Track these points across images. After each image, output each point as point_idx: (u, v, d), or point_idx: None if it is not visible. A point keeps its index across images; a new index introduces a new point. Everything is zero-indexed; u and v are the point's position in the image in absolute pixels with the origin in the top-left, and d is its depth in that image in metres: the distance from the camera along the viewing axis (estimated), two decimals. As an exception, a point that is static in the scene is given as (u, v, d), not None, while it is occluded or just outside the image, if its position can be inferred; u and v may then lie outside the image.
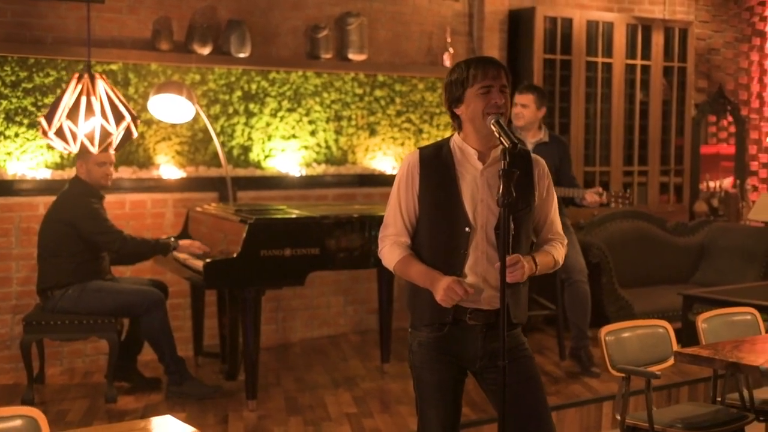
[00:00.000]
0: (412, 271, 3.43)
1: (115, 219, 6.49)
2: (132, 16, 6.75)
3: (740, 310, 5.02)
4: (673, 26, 8.88)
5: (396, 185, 3.50)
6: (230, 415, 5.47)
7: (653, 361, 4.51)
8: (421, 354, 3.47)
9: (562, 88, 8.30)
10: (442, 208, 3.40)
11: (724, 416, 4.39)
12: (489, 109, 3.33)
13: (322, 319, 7.55)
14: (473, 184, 3.38)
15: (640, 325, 4.62)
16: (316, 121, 7.46)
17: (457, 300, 3.28)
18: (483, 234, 3.36)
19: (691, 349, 4.20)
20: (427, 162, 3.45)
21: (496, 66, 3.40)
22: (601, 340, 4.42)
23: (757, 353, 4.04)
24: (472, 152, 3.40)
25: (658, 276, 8.34)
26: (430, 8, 7.98)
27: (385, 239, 3.52)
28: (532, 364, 3.51)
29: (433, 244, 3.43)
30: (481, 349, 3.40)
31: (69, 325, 5.63)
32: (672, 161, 9.02)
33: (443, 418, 3.46)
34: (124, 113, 5.15)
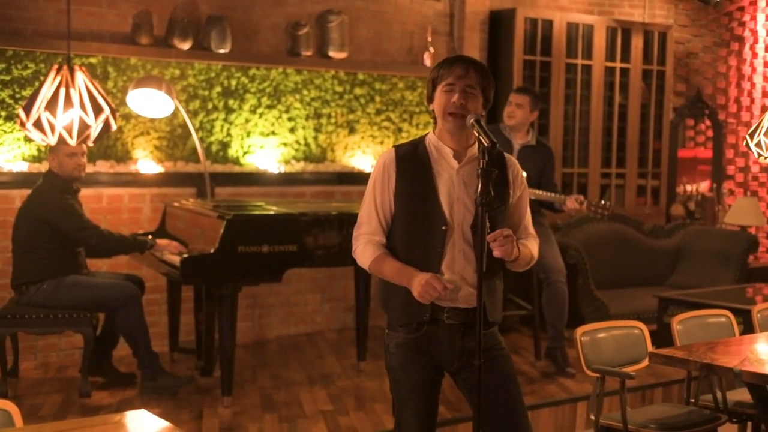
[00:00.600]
0: (387, 269, 3.42)
1: (92, 213, 6.48)
2: (112, 10, 6.72)
3: (715, 312, 5.05)
4: (653, 30, 8.92)
5: (371, 183, 3.48)
6: (205, 411, 5.45)
7: (628, 361, 4.54)
8: (399, 355, 3.45)
9: (542, 90, 8.32)
10: (418, 206, 3.40)
11: (697, 417, 4.42)
12: (448, 108, 3.34)
13: (299, 316, 7.55)
14: (449, 183, 3.38)
15: (616, 326, 4.65)
16: (296, 118, 7.45)
17: (435, 296, 3.26)
18: (459, 232, 3.36)
19: (665, 350, 4.22)
20: (403, 160, 3.44)
21: (465, 65, 3.39)
22: (577, 341, 4.44)
23: (731, 355, 4.06)
24: (448, 151, 3.41)
25: (635, 278, 8.39)
26: (411, 8, 7.98)
27: (359, 238, 3.50)
28: (509, 363, 3.51)
29: (409, 242, 3.42)
30: (459, 349, 3.40)
31: (44, 319, 5.59)
32: (649, 164, 9.06)
33: (420, 419, 3.45)
34: (103, 106, 5.12)
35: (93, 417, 3.83)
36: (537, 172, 6.44)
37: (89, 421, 2.97)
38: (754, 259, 9.56)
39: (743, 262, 8.33)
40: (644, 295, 7.72)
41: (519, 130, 6.42)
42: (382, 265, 3.43)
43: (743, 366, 3.87)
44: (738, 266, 8.29)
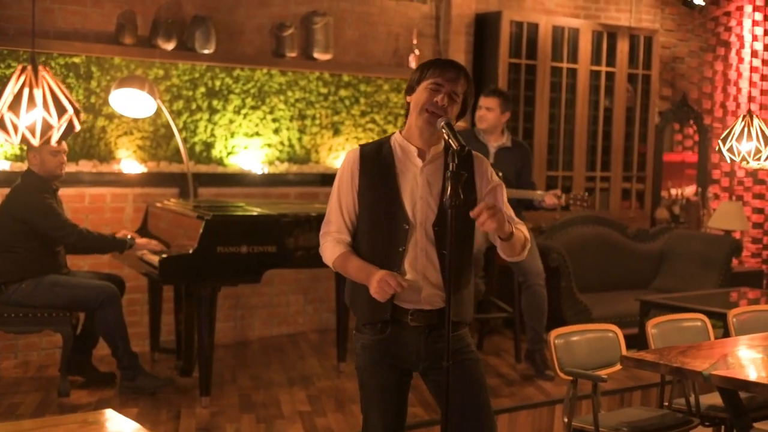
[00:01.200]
0: (349, 267, 3.43)
1: (75, 212, 6.50)
2: (96, 9, 6.73)
3: (690, 316, 5.08)
4: (639, 34, 8.95)
5: (337, 182, 3.50)
6: (183, 411, 5.46)
7: (602, 364, 4.56)
8: (364, 357, 3.46)
9: (527, 93, 8.35)
10: (381, 204, 3.41)
11: (670, 421, 4.44)
12: (429, 106, 3.35)
13: (282, 317, 7.56)
14: (413, 182, 3.40)
15: (590, 329, 4.67)
16: (280, 119, 7.46)
17: (390, 293, 3.24)
18: (422, 231, 3.37)
19: (636, 353, 4.24)
20: (367, 159, 3.46)
21: (457, 71, 3.40)
22: (551, 343, 4.46)
23: (702, 359, 4.08)
24: (413, 149, 3.42)
25: (618, 281, 8.41)
26: (397, 10, 8.00)
27: (325, 236, 3.52)
28: (478, 366, 3.51)
29: (373, 240, 3.42)
30: (425, 351, 3.40)
31: (23, 318, 5.60)
32: (634, 168, 9.09)
33: (387, 420, 3.46)
34: (67, 106, 5.12)
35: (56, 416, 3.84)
36: (515, 172, 6.45)
37: (50, 421, 2.98)
38: (739, 264, 9.61)
39: (726, 267, 8.36)
40: (627, 299, 7.73)
41: (492, 133, 6.43)
42: (345, 263, 3.44)
43: (713, 370, 3.90)
44: (721, 270, 8.32)
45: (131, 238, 5.86)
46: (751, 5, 9.66)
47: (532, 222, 8.24)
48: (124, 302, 6.58)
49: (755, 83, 9.78)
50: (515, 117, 8.28)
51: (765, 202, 9.96)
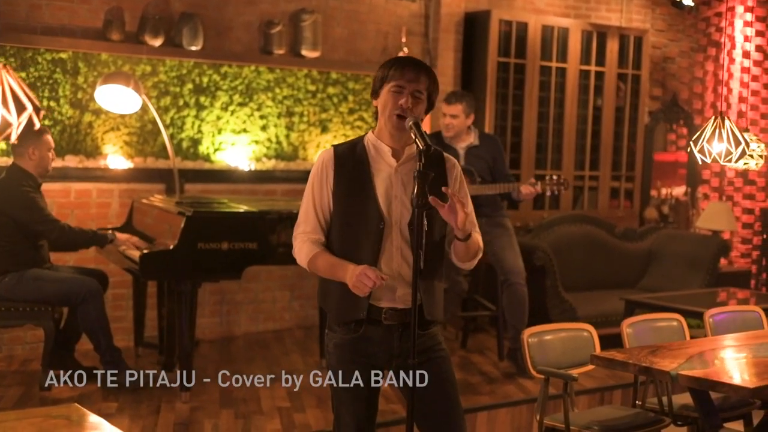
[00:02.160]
0: (323, 265, 3.43)
1: (60, 207, 6.54)
2: (83, 5, 6.75)
3: (666, 315, 5.12)
4: (629, 34, 8.97)
5: (310, 182, 3.51)
6: (163, 406, 5.49)
7: (575, 364, 4.59)
8: (336, 356, 3.48)
9: (516, 92, 8.37)
10: (356, 204, 3.43)
11: (641, 420, 4.47)
12: (395, 110, 3.38)
13: (267, 313, 7.59)
14: (387, 181, 3.42)
15: (564, 328, 4.71)
16: (268, 116, 7.49)
17: (370, 286, 3.25)
18: (397, 230, 3.39)
19: (607, 352, 4.27)
20: (341, 159, 3.48)
21: (416, 70, 3.43)
22: (524, 342, 4.49)
23: (672, 358, 4.11)
24: (387, 149, 3.45)
25: (605, 281, 8.42)
26: (386, 8, 8.03)
27: (298, 237, 3.53)
28: (447, 364, 3.54)
29: (347, 240, 3.44)
30: (397, 349, 3.42)
31: (5, 312, 5.63)
32: (623, 167, 9.11)
33: (358, 420, 3.48)
34: (26, 104, 5.15)
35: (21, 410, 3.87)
36: (487, 167, 6.46)
37: (14, 414, 3.01)
38: (729, 264, 9.63)
39: (713, 267, 8.38)
40: (613, 298, 7.74)
41: (458, 136, 6.45)
42: (318, 262, 3.45)
43: (681, 370, 3.92)
44: (708, 270, 8.33)
45: (112, 233, 5.89)
46: (743, 6, 9.67)
47: (520, 221, 8.30)
48: (109, 297, 6.65)
49: (746, 84, 9.78)
50: (504, 116, 8.31)
51: (755, 202, 9.97)
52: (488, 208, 6.51)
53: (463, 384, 6.17)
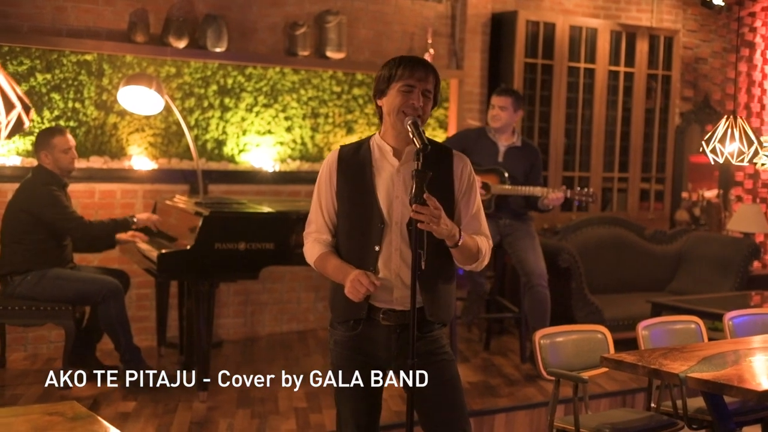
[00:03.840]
0: (328, 267, 3.47)
1: (84, 208, 6.60)
2: (108, 7, 6.81)
3: (684, 318, 5.05)
4: (659, 34, 8.88)
5: (317, 183, 3.55)
6: (180, 406, 5.52)
7: (588, 366, 4.54)
8: (337, 353, 3.51)
9: (543, 93, 8.32)
10: (357, 204, 3.44)
11: (654, 423, 4.42)
12: (406, 108, 3.38)
13: (292, 314, 7.60)
14: (389, 181, 3.42)
15: (576, 330, 4.66)
16: (293, 117, 7.50)
17: (363, 292, 3.27)
18: (398, 230, 3.39)
19: (616, 354, 4.23)
20: (345, 159, 3.49)
21: (425, 69, 3.44)
22: (536, 343, 4.46)
23: (683, 361, 4.06)
24: (389, 149, 3.45)
25: (633, 283, 8.34)
26: (412, 8, 8.01)
27: (307, 237, 3.57)
28: (451, 366, 3.51)
29: (350, 239, 3.46)
30: (396, 349, 3.42)
31: (26, 311, 5.70)
32: (653, 169, 9.02)
33: (358, 417, 3.49)
34: (15, 102, 5.20)
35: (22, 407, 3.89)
36: (523, 172, 6.48)
37: (13, 411, 3.04)
38: (762, 267, 9.50)
39: (744, 269, 8.26)
40: (640, 301, 7.64)
41: (504, 132, 6.46)
42: (324, 264, 3.49)
43: (691, 372, 3.87)
44: (738, 273, 8.21)
45: (131, 216, 5.96)
46: (777, 6, 9.55)
47: (547, 222, 8.25)
48: (133, 297, 6.71)
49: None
50: (531, 117, 8.27)
51: (789, 204, 9.83)
52: (515, 209, 6.50)
53: (483, 386, 6.16)
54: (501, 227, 6.54)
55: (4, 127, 5.13)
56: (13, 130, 5.23)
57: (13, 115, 5.13)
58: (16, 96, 5.27)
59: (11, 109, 5.12)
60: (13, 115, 5.13)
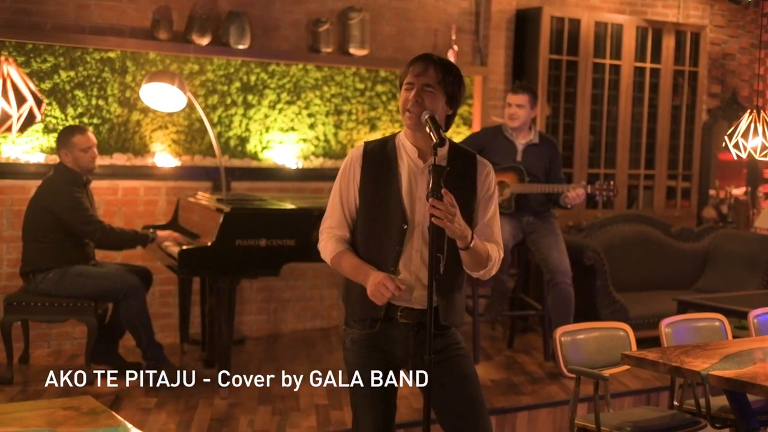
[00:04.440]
0: (346, 265, 3.43)
1: (108, 205, 6.63)
2: (132, 5, 6.82)
3: (707, 315, 4.99)
4: (685, 30, 8.81)
5: (338, 178, 3.51)
6: (201, 402, 5.52)
7: (610, 363, 4.49)
8: (354, 351, 3.48)
9: (568, 89, 8.27)
10: (380, 203, 3.41)
11: (677, 421, 4.37)
12: (405, 105, 3.35)
13: (315, 311, 7.59)
14: (413, 182, 3.38)
15: (598, 327, 4.62)
16: (316, 114, 7.50)
17: (388, 296, 3.25)
18: (419, 232, 3.36)
19: (637, 351, 4.18)
20: (370, 156, 3.46)
21: (424, 64, 3.38)
22: (556, 341, 4.42)
23: (705, 358, 4.01)
24: (414, 149, 3.41)
25: (660, 281, 8.26)
26: (435, 5, 7.98)
27: (323, 232, 3.54)
28: (467, 363, 3.48)
29: (369, 238, 3.43)
30: (413, 348, 3.40)
31: (49, 308, 5.72)
32: (680, 166, 8.95)
33: (375, 416, 3.46)
34: (27, 96, 5.21)
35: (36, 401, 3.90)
36: (544, 169, 6.44)
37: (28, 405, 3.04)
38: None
39: (772, 267, 8.18)
40: (666, 299, 7.56)
41: (521, 129, 6.42)
42: (342, 261, 3.45)
43: (713, 370, 3.82)
44: (766, 271, 8.12)
45: (153, 232, 5.96)
46: (807, 1, 9.43)
47: (572, 219, 8.20)
48: (156, 294, 6.72)
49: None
50: (555, 114, 8.23)
51: (819, 202, 9.72)
52: (536, 206, 6.47)
53: (505, 384, 6.12)
54: (524, 225, 6.50)
55: (16, 121, 5.15)
56: (25, 123, 5.25)
57: (24, 109, 5.15)
58: (28, 90, 5.30)
59: (23, 103, 5.15)
60: (24, 108, 5.15)
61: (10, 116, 5.11)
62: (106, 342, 6.03)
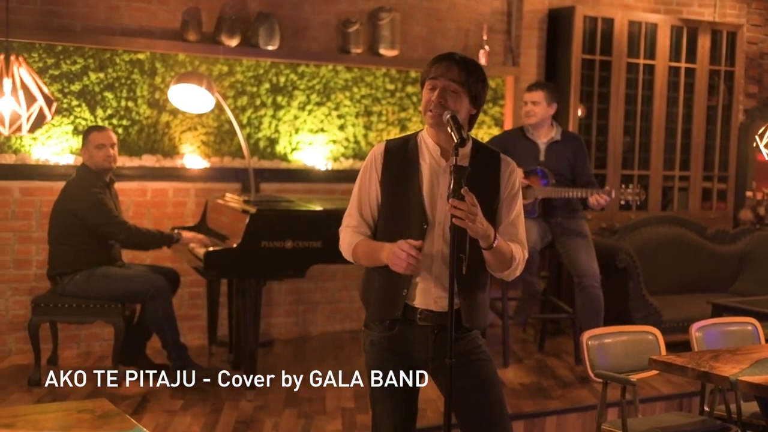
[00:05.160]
0: (363, 250, 3.37)
1: (137, 206, 6.63)
2: (161, 6, 6.82)
3: (739, 319, 4.89)
4: (721, 29, 8.67)
5: (359, 176, 3.47)
6: (227, 404, 5.50)
7: (638, 368, 4.41)
8: (373, 353, 3.43)
9: (601, 89, 8.17)
10: (401, 201, 3.36)
11: (706, 428, 4.28)
12: (428, 105, 3.30)
13: (344, 313, 7.55)
14: (434, 181, 3.33)
15: (626, 330, 4.54)
16: (346, 115, 7.46)
17: (404, 258, 3.14)
18: (440, 231, 3.30)
19: (665, 356, 4.10)
20: (391, 154, 3.41)
21: (447, 63, 3.34)
22: (583, 344, 4.34)
23: (735, 363, 3.92)
24: (437, 148, 3.36)
25: (694, 284, 8.14)
26: (467, 5, 7.92)
27: (345, 230, 3.50)
28: (489, 366, 3.42)
29: (391, 237, 3.36)
30: (432, 351, 3.34)
31: (76, 309, 5.73)
32: (716, 167, 8.82)
33: (395, 419, 3.42)
34: (37, 96, 5.20)
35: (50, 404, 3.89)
36: (568, 166, 6.37)
37: (42, 408, 3.02)
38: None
39: (810, 270, 8.03)
40: (701, 302, 7.44)
41: (541, 127, 6.37)
42: (358, 249, 3.40)
43: (742, 375, 3.73)
44: (804, 274, 7.99)
45: (178, 233, 5.95)
46: None
47: (605, 221, 8.10)
48: (186, 296, 6.72)
49: None
50: (589, 114, 8.13)
51: None
52: (564, 209, 6.39)
53: (535, 387, 6.05)
54: (552, 227, 6.44)
55: (26, 121, 5.15)
56: (35, 123, 5.25)
57: (34, 109, 5.15)
58: (39, 90, 5.30)
59: (32, 103, 5.15)
60: (34, 108, 5.15)
61: (20, 116, 5.11)
62: (133, 343, 6.03)
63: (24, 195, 6.45)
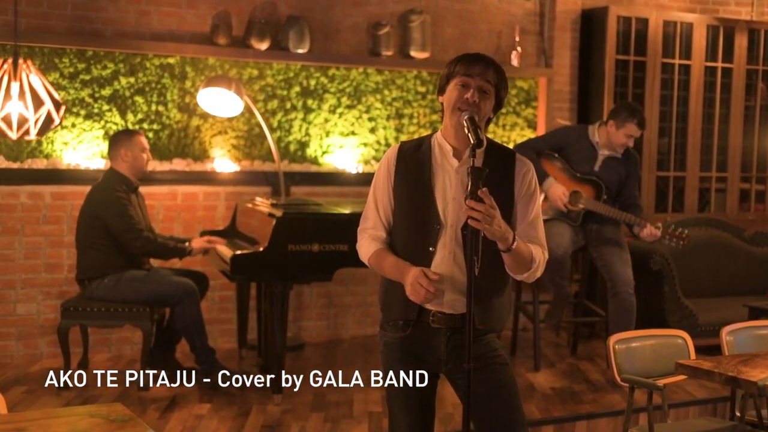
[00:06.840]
0: (384, 265, 3.36)
1: (167, 210, 6.66)
2: (191, 11, 6.84)
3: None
4: (759, 28, 8.54)
5: (374, 179, 3.45)
6: (254, 408, 5.48)
7: (668, 372, 4.32)
8: (387, 355, 3.43)
9: (635, 90, 8.07)
10: (414, 203, 3.33)
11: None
12: (460, 104, 3.26)
13: (375, 317, 7.51)
14: (447, 182, 3.30)
15: (653, 334, 4.46)
16: (376, 118, 7.43)
17: (423, 294, 3.15)
18: (453, 233, 3.27)
19: (693, 360, 4.02)
20: (404, 156, 3.39)
21: (484, 64, 3.32)
22: (610, 349, 4.28)
23: (764, 368, 3.83)
24: (449, 149, 3.33)
25: (732, 287, 8.01)
26: (499, 6, 7.86)
27: (362, 233, 3.48)
28: (505, 371, 3.38)
29: (404, 239, 3.36)
30: (445, 353, 3.32)
31: (104, 313, 5.74)
32: (754, 168, 8.68)
33: (410, 420, 3.40)
34: (45, 99, 5.21)
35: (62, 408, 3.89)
36: (618, 183, 6.34)
37: (54, 412, 3.01)
38: None
39: None
40: (738, 305, 7.33)
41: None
42: (380, 261, 3.39)
43: (771, 381, 3.65)
44: None
45: (188, 245, 5.94)
46: None
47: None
48: (216, 299, 6.73)
49: None
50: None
51: None
52: (603, 217, 6.34)
53: (566, 392, 5.98)
54: (587, 231, 6.38)
55: (33, 124, 5.16)
56: (42, 127, 5.26)
57: (42, 112, 5.16)
58: (47, 94, 5.31)
59: (40, 106, 5.16)
60: (42, 111, 5.16)
61: (28, 119, 5.13)
62: (163, 346, 6.05)
63: (55, 199, 6.48)
